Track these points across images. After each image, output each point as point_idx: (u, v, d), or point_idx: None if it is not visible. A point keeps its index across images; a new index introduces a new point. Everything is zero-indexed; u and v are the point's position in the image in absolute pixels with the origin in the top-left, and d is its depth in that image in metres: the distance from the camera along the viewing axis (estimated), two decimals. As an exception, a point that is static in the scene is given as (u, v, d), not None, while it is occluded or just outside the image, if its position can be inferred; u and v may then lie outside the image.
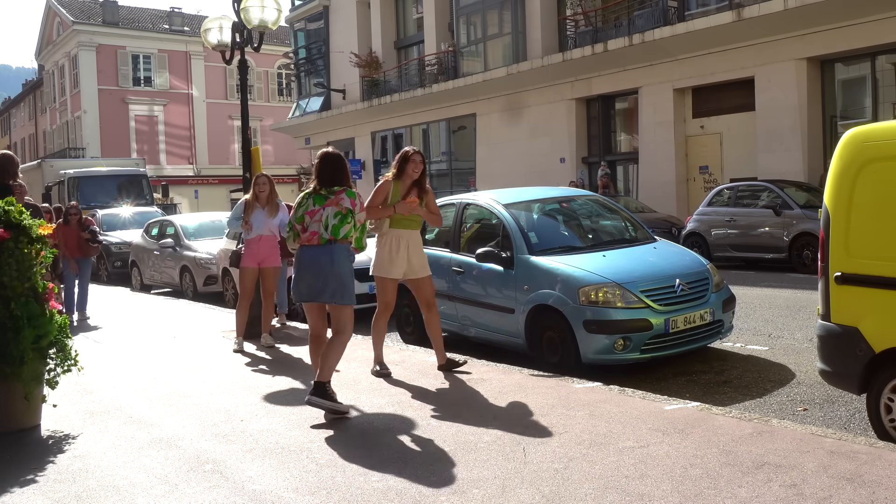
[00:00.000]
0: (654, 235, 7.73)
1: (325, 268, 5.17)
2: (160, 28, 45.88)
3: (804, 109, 16.58)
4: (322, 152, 5.51)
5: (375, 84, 28.27)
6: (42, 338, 5.07)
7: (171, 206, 29.33)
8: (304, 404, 5.54)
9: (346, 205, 5.25)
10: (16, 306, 5.00)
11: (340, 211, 5.23)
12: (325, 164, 5.40)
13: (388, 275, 6.21)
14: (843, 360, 4.58)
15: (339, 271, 5.19)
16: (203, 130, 45.61)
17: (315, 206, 5.28)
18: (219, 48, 8.93)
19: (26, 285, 5.10)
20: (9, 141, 60.76)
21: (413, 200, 6.09)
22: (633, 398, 5.26)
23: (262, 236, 8.00)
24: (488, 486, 3.80)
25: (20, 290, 5.06)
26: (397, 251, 6.15)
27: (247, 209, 8.01)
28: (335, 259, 5.18)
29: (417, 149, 6.40)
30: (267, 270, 8.09)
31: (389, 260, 6.17)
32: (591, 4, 21.02)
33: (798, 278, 11.89)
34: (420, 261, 6.27)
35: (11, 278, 5.04)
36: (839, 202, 4.54)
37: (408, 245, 6.19)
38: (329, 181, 5.34)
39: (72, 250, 10.84)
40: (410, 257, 6.19)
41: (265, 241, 8.04)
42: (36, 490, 4.05)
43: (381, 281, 6.28)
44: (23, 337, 4.97)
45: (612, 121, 21.94)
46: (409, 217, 6.15)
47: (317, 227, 5.23)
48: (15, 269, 5.06)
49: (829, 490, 3.53)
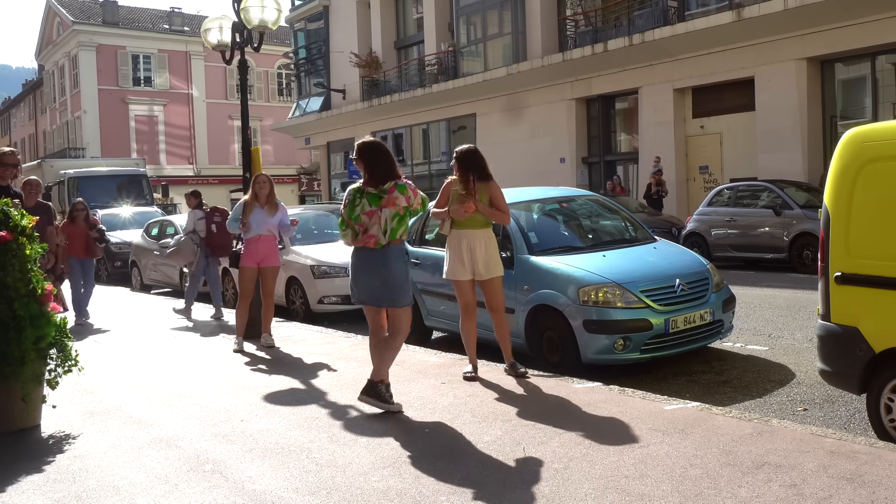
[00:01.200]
0: (654, 235, 7.74)
1: (381, 272, 5.09)
2: (160, 28, 45.88)
3: (804, 109, 16.59)
4: (364, 144, 5.21)
5: (375, 84, 28.28)
6: (41, 339, 5.07)
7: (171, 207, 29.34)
8: (303, 404, 5.55)
9: (402, 204, 5.08)
10: (19, 306, 5.01)
11: (398, 212, 5.06)
12: (373, 158, 5.14)
13: (456, 276, 6.00)
14: (843, 360, 4.58)
15: (395, 275, 5.10)
16: (203, 130, 45.61)
17: (371, 207, 5.05)
18: (219, 48, 8.92)
19: (29, 286, 5.11)
20: (9, 141, 60.78)
21: (468, 206, 5.80)
22: (633, 398, 5.26)
23: (261, 236, 7.94)
24: (488, 486, 3.80)
25: (23, 290, 5.08)
26: (460, 252, 5.94)
27: (245, 209, 7.97)
28: (390, 263, 5.09)
29: (466, 147, 6.12)
30: (266, 270, 8.02)
31: (453, 262, 5.99)
32: (591, 4, 21.02)
33: (798, 278, 11.89)
34: (486, 262, 5.94)
35: (14, 279, 5.06)
36: (839, 202, 4.54)
37: (472, 245, 5.93)
38: (381, 177, 5.09)
39: (77, 250, 10.13)
40: (475, 258, 5.92)
41: (264, 240, 7.96)
42: (36, 490, 4.05)
43: (454, 284, 6.08)
44: (25, 337, 4.98)
45: (612, 121, 21.96)
46: (471, 216, 5.89)
47: (376, 230, 5.04)
48: (18, 269, 5.08)
49: (829, 490, 3.53)
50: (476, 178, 5.94)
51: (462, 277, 5.99)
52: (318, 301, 10.08)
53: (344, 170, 30.98)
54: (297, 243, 10.86)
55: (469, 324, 6.11)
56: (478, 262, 5.93)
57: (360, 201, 5.11)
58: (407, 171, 28.56)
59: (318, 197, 34.06)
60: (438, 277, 7.73)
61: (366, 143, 5.20)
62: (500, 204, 5.98)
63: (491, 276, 5.97)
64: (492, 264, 5.97)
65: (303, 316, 10.23)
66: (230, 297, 12.07)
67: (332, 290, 10.02)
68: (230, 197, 41.86)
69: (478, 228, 5.95)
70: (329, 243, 11.07)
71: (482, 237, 5.96)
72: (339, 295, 9.97)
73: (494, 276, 5.98)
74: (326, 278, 10.06)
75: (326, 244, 10.99)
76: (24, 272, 5.12)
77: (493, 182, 6.02)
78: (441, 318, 7.86)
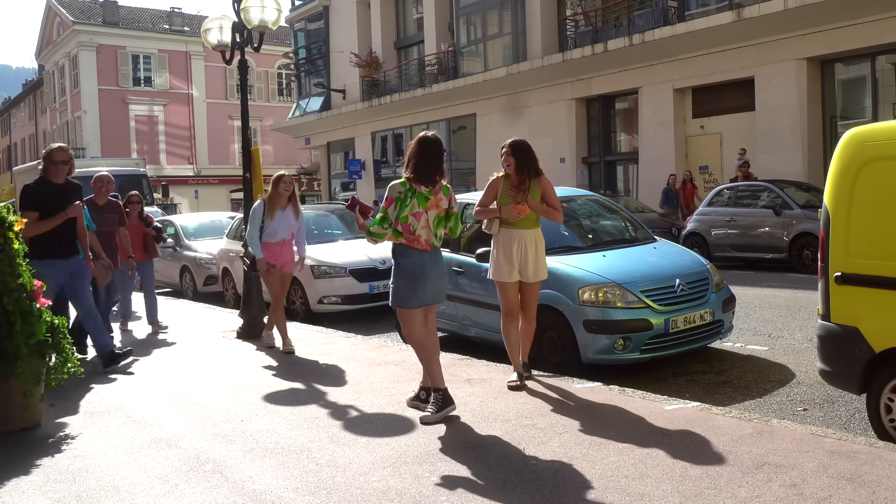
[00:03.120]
0: (654, 235, 7.74)
1: (442, 272, 5.12)
2: (160, 28, 45.88)
3: (804, 109, 16.59)
4: (423, 137, 5.02)
5: (375, 84, 28.29)
6: (32, 336, 5.06)
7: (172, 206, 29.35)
8: (303, 404, 5.55)
9: (444, 206, 4.99)
10: (8, 301, 5.01)
11: (439, 214, 4.98)
12: (426, 154, 4.95)
13: (501, 278, 5.68)
14: (843, 360, 4.58)
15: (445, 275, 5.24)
16: (203, 130, 45.62)
17: (419, 209, 4.89)
18: (219, 48, 8.92)
19: (18, 281, 5.10)
20: (9, 141, 60.81)
21: (520, 208, 5.53)
22: (633, 398, 5.26)
23: (285, 241, 7.51)
24: (489, 486, 3.80)
25: (13, 285, 5.07)
26: (510, 253, 5.63)
27: (268, 209, 7.44)
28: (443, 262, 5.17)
29: (518, 139, 5.79)
30: (286, 276, 7.75)
31: (500, 262, 5.68)
32: (591, 4, 21.03)
33: (798, 278, 11.89)
34: (533, 264, 5.64)
35: (3, 273, 5.05)
36: (839, 202, 4.54)
37: (523, 246, 5.63)
38: (431, 176, 4.94)
39: (134, 250, 8.83)
40: (527, 259, 5.63)
41: (288, 245, 7.58)
42: (36, 490, 4.05)
43: (499, 286, 5.75)
44: (16, 332, 4.98)
45: (612, 121, 21.96)
46: None
47: (426, 233, 4.92)
48: (7, 264, 5.08)
49: (829, 490, 3.53)
50: (531, 174, 5.69)
51: (508, 279, 5.68)
52: (318, 301, 10.08)
53: (344, 170, 31.00)
54: (296, 243, 10.85)
55: (513, 328, 5.78)
56: (528, 264, 5.64)
57: (410, 201, 4.89)
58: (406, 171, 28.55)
59: (318, 197, 34.07)
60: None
61: (427, 137, 5.02)
62: (553, 201, 5.72)
63: (538, 280, 5.72)
64: (541, 266, 5.71)
65: (303, 316, 10.23)
66: (230, 297, 12.08)
67: (332, 290, 10.02)
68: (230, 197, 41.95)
69: (529, 228, 5.67)
70: (329, 243, 11.07)
71: (533, 237, 5.67)
72: (339, 295, 9.98)
73: (542, 279, 5.75)
74: (326, 278, 10.06)
75: (327, 244, 10.98)
76: (13, 267, 5.12)
77: (544, 177, 5.76)
78: (441, 318, 7.85)
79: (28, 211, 6.24)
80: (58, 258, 6.42)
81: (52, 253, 6.35)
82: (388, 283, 8.66)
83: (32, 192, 6.42)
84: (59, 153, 6.57)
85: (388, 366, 6.68)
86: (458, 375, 6.14)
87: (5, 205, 5.31)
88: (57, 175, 6.53)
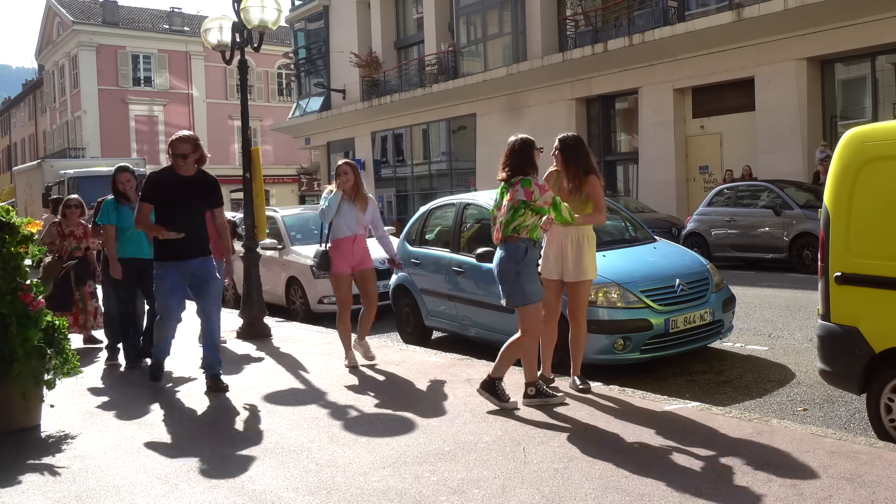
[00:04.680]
0: (654, 235, 7.74)
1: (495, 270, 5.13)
2: (160, 28, 45.89)
3: (804, 109, 16.59)
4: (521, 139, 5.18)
5: (375, 84, 28.28)
6: (27, 340, 5.05)
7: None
8: (303, 404, 5.55)
9: (520, 197, 4.94)
10: (2, 304, 5.01)
11: (513, 205, 4.97)
12: (509, 153, 5.14)
13: (543, 274, 5.49)
14: (843, 360, 4.58)
15: (503, 274, 5.07)
16: (203, 130, 45.49)
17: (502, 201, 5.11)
18: (219, 48, 8.92)
19: (12, 284, 5.09)
20: (9, 141, 60.81)
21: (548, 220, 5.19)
22: (633, 398, 5.26)
23: (357, 236, 6.74)
24: (488, 486, 3.80)
25: (6, 287, 5.06)
26: (552, 250, 5.50)
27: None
28: (499, 260, 5.11)
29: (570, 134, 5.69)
30: (366, 273, 6.82)
31: (545, 259, 5.53)
32: (591, 4, 21.03)
33: (798, 278, 11.89)
34: (577, 263, 5.43)
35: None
36: (839, 202, 4.54)
37: (563, 242, 5.46)
38: (511, 171, 5.08)
39: None
40: (567, 257, 5.45)
41: (360, 241, 6.78)
42: (36, 490, 4.05)
43: (543, 282, 5.49)
44: (11, 335, 4.98)
45: (612, 121, 21.96)
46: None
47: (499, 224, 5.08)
48: (1, 267, 5.07)
49: (829, 490, 3.53)
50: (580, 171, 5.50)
51: (548, 276, 5.50)
52: (318, 301, 10.07)
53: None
54: (296, 243, 10.85)
55: (548, 328, 5.53)
56: (568, 262, 5.45)
57: (500, 196, 5.15)
58: (406, 171, 28.59)
59: (318, 197, 34.08)
60: (438, 277, 7.75)
61: (514, 139, 5.18)
62: (598, 201, 5.47)
63: (580, 279, 5.47)
64: (583, 266, 5.44)
65: (303, 316, 10.22)
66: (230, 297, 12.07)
67: (332, 291, 9.98)
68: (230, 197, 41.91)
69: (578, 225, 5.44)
70: (329, 243, 11.04)
71: (580, 235, 5.45)
72: (339, 295, 9.95)
73: (584, 279, 5.48)
74: (326, 278, 10.03)
75: (327, 244, 10.95)
76: (9, 270, 5.10)
77: (592, 176, 5.52)
78: (441, 318, 7.86)
79: (142, 202, 5.86)
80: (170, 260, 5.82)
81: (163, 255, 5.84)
82: (388, 284, 8.77)
83: (150, 182, 5.90)
84: (178, 145, 5.86)
85: (388, 366, 6.68)
86: (458, 375, 6.15)
87: (5, 205, 5.30)
88: (179, 167, 5.87)
